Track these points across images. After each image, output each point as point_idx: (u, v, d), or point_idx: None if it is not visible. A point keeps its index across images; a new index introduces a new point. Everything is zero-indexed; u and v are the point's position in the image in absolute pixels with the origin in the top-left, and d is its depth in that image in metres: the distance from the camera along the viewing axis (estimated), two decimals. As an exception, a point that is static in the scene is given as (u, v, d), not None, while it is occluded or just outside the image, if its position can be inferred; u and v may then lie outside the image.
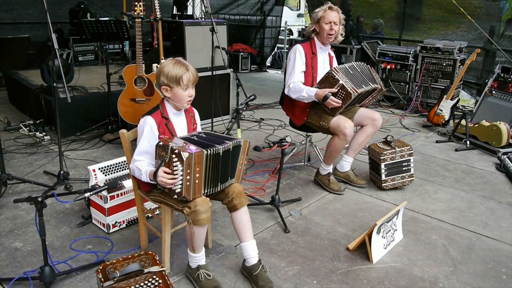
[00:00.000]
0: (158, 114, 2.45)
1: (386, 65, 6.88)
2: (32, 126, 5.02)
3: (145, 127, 2.41)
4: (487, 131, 4.83)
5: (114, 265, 2.16)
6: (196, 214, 2.25)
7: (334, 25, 3.60)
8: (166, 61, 2.42)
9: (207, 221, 2.29)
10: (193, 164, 2.20)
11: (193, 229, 2.30)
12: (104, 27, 4.72)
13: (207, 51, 5.09)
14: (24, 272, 2.51)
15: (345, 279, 2.61)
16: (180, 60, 2.42)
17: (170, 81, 2.37)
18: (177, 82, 2.36)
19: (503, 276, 2.70)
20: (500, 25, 6.55)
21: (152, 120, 2.41)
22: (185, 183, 2.22)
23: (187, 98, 2.43)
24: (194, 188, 2.26)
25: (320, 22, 3.62)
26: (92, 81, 5.90)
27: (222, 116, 5.49)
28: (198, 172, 2.25)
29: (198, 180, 2.27)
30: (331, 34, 3.62)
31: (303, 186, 3.89)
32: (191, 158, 2.18)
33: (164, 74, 2.38)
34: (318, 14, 3.65)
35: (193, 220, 2.27)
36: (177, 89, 2.38)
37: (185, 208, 2.29)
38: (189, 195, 2.25)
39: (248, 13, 10.30)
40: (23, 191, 3.58)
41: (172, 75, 2.36)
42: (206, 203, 2.29)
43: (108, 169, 3.15)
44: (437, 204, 3.63)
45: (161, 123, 2.43)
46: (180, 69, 2.36)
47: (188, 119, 2.58)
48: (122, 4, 7.21)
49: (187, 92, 2.41)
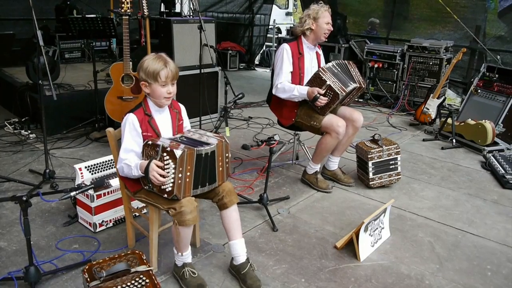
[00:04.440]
0: (140, 111, 2.41)
1: (373, 64, 6.92)
2: (17, 124, 4.95)
3: (127, 125, 2.37)
4: (473, 130, 4.89)
5: (101, 264, 2.14)
6: (181, 215, 2.23)
7: (331, 26, 3.67)
8: (147, 56, 2.38)
9: (193, 222, 2.28)
10: (185, 161, 2.19)
11: (179, 230, 2.29)
12: (91, 24, 4.68)
13: (195, 49, 5.06)
14: (8, 272, 2.48)
15: (333, 277, 2.62)
16: (161, 56, 2.37)
17: (148, 77, 2.32)
18: (154, 78, 2.31)
19: (488, 272, 2.73)
20: (486, 25, 6.63)
21: (134, 117, 2.37)
22: (176, 181, 2.20)
23: (165, 95, 2.37)
24: (185, 187, 2.25)
25: (319, 21, 3.62)
26: (78, 78, 5.84)
27: (210, 115, 5.47)
28: (189, 171, 2.24)
29: (189, 179, 2.25)
30: (328, 34, 3.67)
31: (291, 184, 3.90)
32: (183, 155, 2.17)
33: (143, 69, 2.33)
34: (318, 13, 3.62)
35: (178, 221, 2.25)
36: (155, 85, 2.33)
37: (171, 209, 2.27)
38: (180, 194, 2.24)
39: (237, 11, 10.28)
40: (8, 190, 3.53)
41: (150, 70, 2.31)
42: (191, 204, 2.27)
43: (95, 168, 3.12)
44: (423, 202, 3.67)
45: (143, 120, 2.39)
46: (158, 65, 2.31)
47: (172, 115, 2.52)
48: (109, 1, 7.14)
49: (166, 89, 2.35)
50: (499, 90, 5.33)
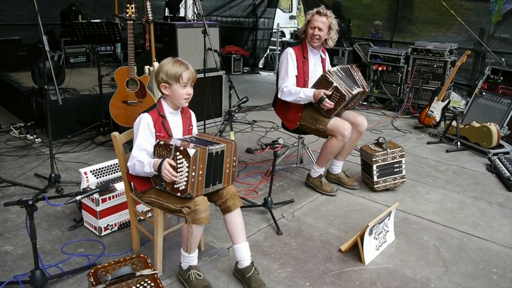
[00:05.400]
0: (155, 112, 2.47)
1: (377, 67, 6.91)
2: (23, 129, 4.99)
3: (141, 123, 2.42)
4: (478, 132, 4.88)
5: (106, 268, 2.15)
6: (196, 213, 2.26)
7: (318, 31, 3.57)
8: (166, 60, 2.47)
9: (206, 220, 2.31)
10: (198, 160, 2.23)
11: (192, 228, 2.30)
12: (96, 29, 4.70)
13: (199, 53, 5.08)
14: (14, 276, 2.49)
15: (338, 281, 2.62)
16: (179, 60, 2.48)
17: (170, 78, 2.40)
18: (176, 79, 2.40)
19: (494, 276, 2.72)
20: (490, 27, 6.62)
21: (148, 116, 2.43)
22: (190, 179, 2.24)
23: (185, 96, 2.45)
24: (198, 185, 2.29)
25: (308, 25, 3.64)
26: (83, 83, 5.87)
27: (215, 118, 5.48)
28: (201, 169, 2.28)
29: (201, 178, 2.29)
30: (316, 38, 3.60)
31: (296, 188, 3.90)
32: (196, 154, 2.21)
33: (163, 71, 2.41)
34: (307, 16, 3.69)
35: (192, 219, 2.27)
36: (176, 86, 2.42)
37: (184, 207, 2.29)
38: (193, 192, 2.27)
39: (241, 15, 10.30)
40: (14, 194, 3.55)
41: (172, 72, 2.40)
42: (205, 202, 2.31)
43: (100, 172, 3.13)
44: (428, 205, 3.65)
45: (157, 121, 2.44)
46: (180, 67, 2.42)
47: (184, 119, 2.59)
48: (114, 6, 7.19)
49: (186, 90, 2.44)
50: (504, 92, 5.32)
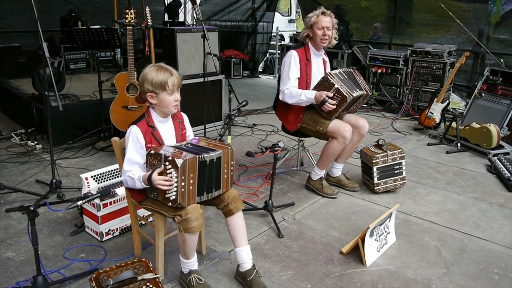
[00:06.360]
0: (143, 123, 2.43)
1: (377, 69, 6.93)
2: (23, 135, 5.00)
3: (130, 137, 2.39)
4: (478, 133, 4.88)
5: (108, 273, 2.15)
6: (187, 222, 2.25)
7: (327, 30, 3.60)
8: (148, 68, 2.41)
9: (198, 229, 2.29)
10: (187, 170, 2.21)
11: (185, 237, 2.30)
12: (96, 35, 4.72)
13: (199, 57, 5.10)
14: (16, 282, 2.50)
15: (339, 283, 2.62)
16: (162, 66, 2.41)
17: (155, 87, 2.36)
18: (162, 87, 2.35)
19: (495, 276, 2.72)
20: (489, 28, 6.64)
21: (137, 129, 2.39)
22: (179, 189, 2.22)
23: (173, 103, 2.41)
24: (189, 195, 2.27)
25: (313, 27, 3.63)
26: (83, 89, 5.90)
27: (215, 122, 5.50)
28: (192, 179, 2.25)
29: (192, 187, 2.27)
30: (325, 39, 3.63)
31: (296, 190, 3.91)
32: (185, 164, 2.19)
33: (148, 81, 2.36)
34: (311, 19, 3.65)
35: (184, 228, 2.26)
36: (163, 94, 2.37)
37: (176, 216, 2.29)
38: (184, 202, 2.25)
39: (240, 19, 10.34)
40: (15, 201, 3.56)
41: (157, 81, 2.34)
42: (197, 211, 2.29)
43: (101, 177, 3.14)
44: (429, 206, 3.66)
45: (147, 132, 2.41)
46: (164, 74, 2.36)
47: (175, 125, 2.55)
48: (113, 12, 7.23)
49: (173, 96, 2.40)
50: (503, 93, 5.33)
